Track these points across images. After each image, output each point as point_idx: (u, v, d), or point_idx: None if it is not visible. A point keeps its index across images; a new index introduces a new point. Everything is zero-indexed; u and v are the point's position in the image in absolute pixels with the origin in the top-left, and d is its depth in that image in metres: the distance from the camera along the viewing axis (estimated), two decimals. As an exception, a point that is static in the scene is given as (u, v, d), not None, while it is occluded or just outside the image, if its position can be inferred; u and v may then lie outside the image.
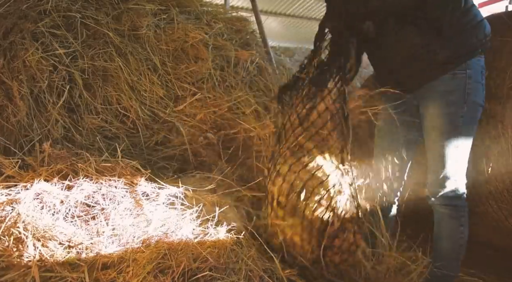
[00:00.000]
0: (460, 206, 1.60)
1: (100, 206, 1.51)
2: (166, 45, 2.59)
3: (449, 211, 1.60)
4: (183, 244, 1.34)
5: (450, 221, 1.61)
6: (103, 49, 2.41)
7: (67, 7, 2.40)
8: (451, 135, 1.51)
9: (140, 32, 2.53)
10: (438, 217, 1.64)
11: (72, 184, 1.58)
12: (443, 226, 1.64)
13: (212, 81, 2.61)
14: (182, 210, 1.55)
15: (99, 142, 2.20)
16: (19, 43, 2.21)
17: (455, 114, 1.50)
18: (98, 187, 1.58)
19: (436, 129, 1.54)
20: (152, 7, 2.64)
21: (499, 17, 2.15)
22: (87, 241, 1.35)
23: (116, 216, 1.47)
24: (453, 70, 1.47)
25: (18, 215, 1.36)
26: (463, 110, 1.49)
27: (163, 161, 2.23)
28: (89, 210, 1.50)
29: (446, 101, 1.50)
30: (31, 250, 1.27)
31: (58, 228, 1.37)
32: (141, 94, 2.45)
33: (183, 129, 2.31)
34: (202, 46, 2.64)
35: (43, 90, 2.20)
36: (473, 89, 1.49)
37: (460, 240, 1.62)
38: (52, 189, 1.52)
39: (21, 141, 2.11)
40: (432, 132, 1.56)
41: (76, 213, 1.47)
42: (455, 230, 1.61)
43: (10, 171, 1.65)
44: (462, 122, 1.50)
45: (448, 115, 1.51)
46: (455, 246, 1.62)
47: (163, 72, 2.55)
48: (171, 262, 1.26)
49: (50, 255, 1.27)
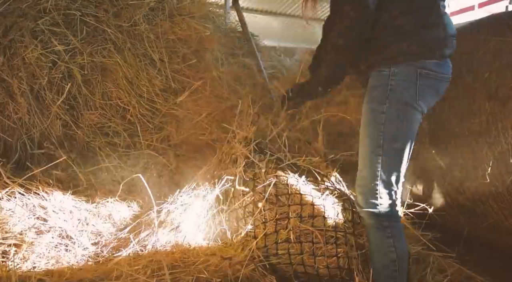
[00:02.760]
0: (382, 215, 1.44)
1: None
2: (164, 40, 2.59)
3: (372, 222, 1.46)
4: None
5: (375, 233, 1.46)
6: (102, 45, 2.41)
7: (66, 6, 2.40)
8: (373, 133, 1.43)
9: (139, 27, 2.53)
10: (366, 229, 1.52)
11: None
12: (370, 238, 1.50)
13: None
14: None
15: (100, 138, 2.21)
16: (19, 41, 2.22)
17: (376, 110, 1.44)
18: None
19: (362, 126, 1.49)
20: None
21: (499, 17, 2.15)
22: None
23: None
24: (379, 68, 1.45)
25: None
26: (384, 106, 1.41)
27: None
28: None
29: (370, 97, 1.47)
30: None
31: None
32: (141, 89, 2.46)
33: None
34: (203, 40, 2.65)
35: (43, 87, 2.21)
36: (398, 86, 1.41)
37: (390, 255, 1.43)
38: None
39: (23, 138, 2.11)
40: (360, 129, 1.50)
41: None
42: (382, 243, 1.45)
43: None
44: (384, 120, 1.41)
45: (370, 111, 1.46)
46: (386, 262, 1.44)
47: (162, 67, 2.55)
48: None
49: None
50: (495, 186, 1.91)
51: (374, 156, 1.43)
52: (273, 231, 1.55)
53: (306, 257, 1.51)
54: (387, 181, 1.43)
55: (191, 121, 2.45)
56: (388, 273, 1.45)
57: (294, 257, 1.51)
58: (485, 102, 1.95)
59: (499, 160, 1.87)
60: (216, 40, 2.80)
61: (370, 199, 1.45)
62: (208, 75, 2.59)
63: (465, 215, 2.11)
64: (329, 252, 1.52)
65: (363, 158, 1.46)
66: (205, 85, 2.53)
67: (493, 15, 2.23)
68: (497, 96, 1.92)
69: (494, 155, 1.90)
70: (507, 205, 1.91)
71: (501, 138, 1.88)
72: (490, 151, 1.92)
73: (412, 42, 1.42)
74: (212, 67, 2.63)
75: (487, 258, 2.02)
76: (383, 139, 1.42)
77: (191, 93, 2.53)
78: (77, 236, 1.61)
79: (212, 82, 2.56)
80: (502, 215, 1.96)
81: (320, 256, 1.51)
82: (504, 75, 1.92)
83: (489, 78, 1.96)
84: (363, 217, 1.51)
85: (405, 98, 1.42)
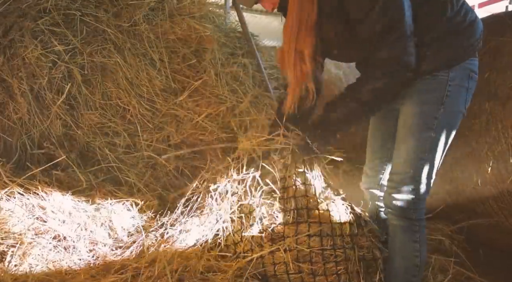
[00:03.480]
0: (415, 219, 1.43)
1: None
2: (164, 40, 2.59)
3: (403, 224, 1.43)
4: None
5: (403, 235, 1.45)
6: (102, 45, 2.41)
7: (66, 6, 2.40)
8: (422, 136, 1.38)
9: (139, 27, 2.53)
10: (392, 230, 1.49)
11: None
12: (395, 241, 1.47)
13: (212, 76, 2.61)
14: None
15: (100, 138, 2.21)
16: (19, 41, 2.22)
17: (429, 114, 1.37)
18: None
19: (407, 127, 1.41)
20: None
21: (499, 17, 2.15)
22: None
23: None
24: (434, 72, 1.37)
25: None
26: (439, 111, 1.36)
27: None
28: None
29: (422, 99, 1.39)
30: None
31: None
32: (141, 89, 2.46)
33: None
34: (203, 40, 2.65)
35: (43, 87, 2.21)
36: (454, 92, 1.36)
37: (414, 259, 1.43)
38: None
39: (23, 138, 2.11)
40: (403, 130, 1.43)
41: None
42: (408, 246, 1.43)
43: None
44: (436, 125, 1.36)
45: (421, 114, 1.39)
46: (409, 265, 1.43)
47: (162, 67, 2.55)
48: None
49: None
50: (495, 186, 1.91)
51: (419, 160, 1.39)
52: (269, 252, 1.49)
53: (306, 277, 1.49)
54: (424, 185, 1.41)
55: (191, 121, 2.45)
56: (409, 277, 1.44)
57: (293, 278, 1.48)
58: (485, 102, 1.95)
59: (499, 160, 1.87)
60: (216, 40, 2.80)
61: (405, 203, 1.41)
62: (208, 75, 2.59)
63: (465, 215, 2.11)
64: (329, 270, 1.48)
65: (406, 160, 1.41)
66: (205, 85, 2.53)
67: (493, 15, 2.23)
68: (497, 96, 1.92)
69: (494, 155, 1.90)
70: (507, 205, 1.91)
71: (501, 138, 1.88)
72: (490, 151, 1.92)
73: (463, 42, 1.37)
74: (212, 67, 2.63)
75: (487, 258, 2.02)
76: (430, 143, 1.38)
77: (191, 93, 2.53)
78: (75, 241, 1.60)
79: (212, 82, 2.56)
80: (502, 215, 1.96)
81: (320, 276, 1.49)
82: (504, 75, 1.92)
83: (489, 78, 1.96)
84: (392, 218, 1.47)
85: (459, 105, 1.39)
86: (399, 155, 1.43)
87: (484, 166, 1.94)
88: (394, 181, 1.45)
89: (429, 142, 1.38)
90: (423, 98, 1.39)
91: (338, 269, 1.47)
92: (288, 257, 1.45)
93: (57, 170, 2.08)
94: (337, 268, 1.47)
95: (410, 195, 1.41)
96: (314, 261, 1.47)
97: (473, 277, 1.81)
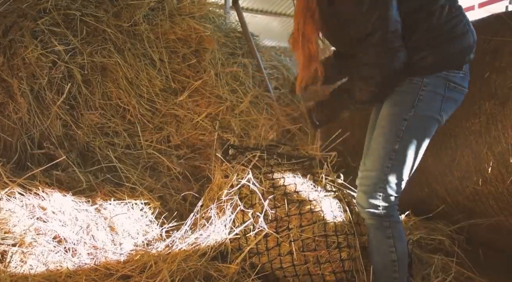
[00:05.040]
0: (384, 215, 1.46)
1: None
2: (164, 40, 2.59)
3: (373, 221, 1.48)
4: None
5: (375, 232, 1.48)
6: (102, 45, 2.41)
7: (66, 6, 2.40)
8: (391, 137, 1.42)
9: (139, 27, 2.53)
10: (368, 228, 1.53)
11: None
12: (370, 238, 1.51)
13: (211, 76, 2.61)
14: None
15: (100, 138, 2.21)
16: (19, 41, 2.22)
17: (399, 115, 1.42)
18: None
19: (379, 127, 1.48)
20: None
21: (499, 17, 2.14)
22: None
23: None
24: (410, 76, 1.41)
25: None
26: (409, 114, 1.40)
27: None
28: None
29: (395, 101, 1.44)
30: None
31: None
32: (141, 89, 2.46)
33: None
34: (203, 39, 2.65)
35: (43, 87, 2.21)
36: (427, 97, 1.40)
37: (390, 255, 1.45)
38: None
39: (23, 138, 2.11)
40: (376, 130, 1.49)
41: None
42: (382, 243, 1.46)
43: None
44: (405, 127, 1.41)
45: (392, 115, 1.44)
46: (386, 261, 1.46)
47: (162, 67, 2.55)
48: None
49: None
50: (495, 186, 1.91)
51: (387, 159, 1.43)
52: (275, 244, 1.54)
53: (311, 266, 1.50)
54: (393, 185, 1.44)
55: (191, 121, 2.45)
56: (389, 273, 1.46)
57: (299, 268, 1.50)
58: (485, 102, 1.95)
59: (499, 160, 1.87)
60: (216, 40, 2.80)
61: (373, 200, 1.45)
62: (208, 75, 2.59)
63: (465, 215, 2.11)
64: (333, 257, 1.52)
65: (374, 159, 1.46)
66: (205, 85, 2.53)
67: (493, 15, 2.23)
68: (497, 96, 1.92)
69: (494, 155, 1.90)
70: (507, 205, 1.91)
71: (501, 138, 1.88)
72: (490, 151, 1.92)
73: (444, 52, 1.40)
74: (212, 67, 2.63)
75: (487, 258, 2.02)
76: (399, 145, 1.42)
77: (191, 93, 2.53)
78: (76, 243, 1.60)
79: (212, 82, 2.56)
80: (502, 215, 1.96)
81: (325, 263, 1.50)
82: (504, 75, 1.92)
83: (489, 78, 1.96)
84: (364, 217, 1.51)
85: (431, 110, 1.42)
86: (371, 153, 1.49)
87: (484, 166, 1.94)
88: (361, 179, 1.50)
89: (398, 143, 1.42)
90: (397, 99, 1.45)
91: (342, 255, 1.53)
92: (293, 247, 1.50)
93: (57, 170, 2.08)
94: (341, 254, 1.53)
95: (378, 193, 1.45)
96: (319, 248, 1.52)
97: (473, 277, 1.82)
